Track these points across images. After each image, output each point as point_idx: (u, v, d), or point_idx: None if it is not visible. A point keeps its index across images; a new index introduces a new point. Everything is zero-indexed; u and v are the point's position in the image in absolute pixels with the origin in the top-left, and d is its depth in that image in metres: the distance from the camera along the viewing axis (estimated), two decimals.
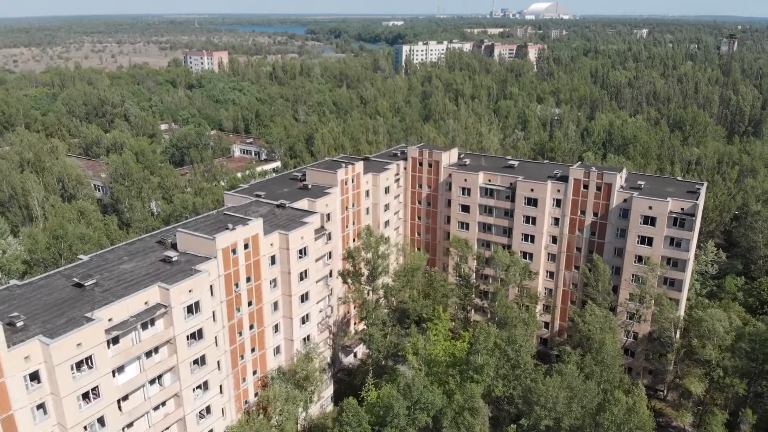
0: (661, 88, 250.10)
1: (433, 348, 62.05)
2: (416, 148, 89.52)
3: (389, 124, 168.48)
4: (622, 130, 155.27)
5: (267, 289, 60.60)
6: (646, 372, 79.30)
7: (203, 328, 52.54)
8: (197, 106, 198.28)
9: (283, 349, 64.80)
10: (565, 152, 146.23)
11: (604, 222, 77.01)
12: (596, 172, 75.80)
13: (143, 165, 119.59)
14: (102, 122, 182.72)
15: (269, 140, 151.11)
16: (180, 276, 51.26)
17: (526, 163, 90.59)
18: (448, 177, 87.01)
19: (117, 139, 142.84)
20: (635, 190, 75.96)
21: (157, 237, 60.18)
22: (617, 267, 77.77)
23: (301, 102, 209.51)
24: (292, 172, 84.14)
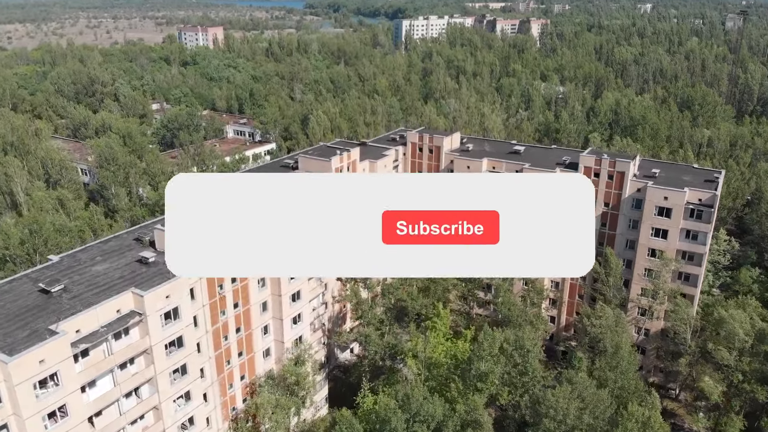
0: (668, 65, 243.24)
1: (433, 351, 57.90)
2: (416, 132, 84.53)
3: (388, 104, 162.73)
4: (629, 110, 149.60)
5: (255, 289, 56.28)
6: (657, 370, 75.48)
7: (183, 336, 48.30)
8: (190, 84, 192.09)
9: (274, 351, 60.71)
10: (570, 133, 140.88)
11: (616, 213, 72.40)
12: (608, 160, 70.95)
13: (131, 148, 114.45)
14: (92, 102, 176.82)
15: (263, 121, 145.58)
16: (157, 280, 46.86)
17: (532, 149, 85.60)
18: (449, 164, 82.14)
19: (105, 120, 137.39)
20: (649, 178, 71.18)
21: (136, 233, 55.60)
22: (629, 260, 73.39)
23: (298, 80, 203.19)
24: (283, 159, 79.30)
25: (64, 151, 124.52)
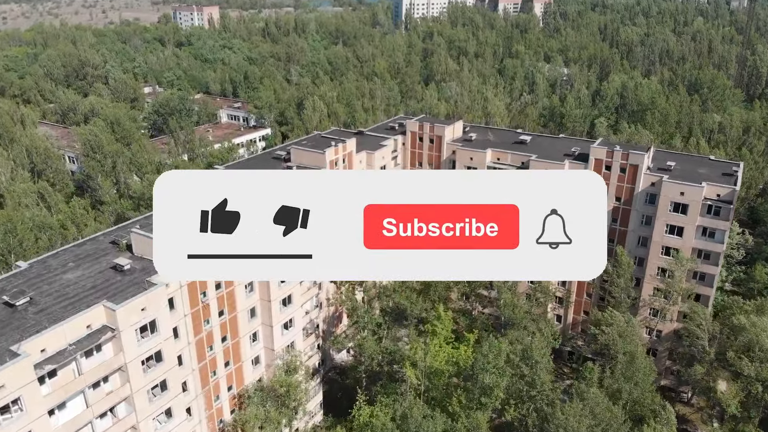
0: (675, 46, 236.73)
1: (433, 360, 54.10)
2: (416, 121, 79.95)
3: (387, 87, 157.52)
4: (636, 94, 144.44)
5: (242, 296, 52.31)
6: (668, 372, 71.87)
7: (162, 350, 44.42)
8: (184, 66, 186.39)
9: (264, 359, 56.93)
10: (576, 118, 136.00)
11: (628, 208, 68.20)
12: (620, 152, 66.56)
13: (119, 135, 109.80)
14: (83, 85, 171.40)
15: (258, 105, 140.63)
16: (131, 291, 42.88)
17: (539, 138, 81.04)
18: (451, 154, 77.74)
19: (94, 105, 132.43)
20: (664, 172, 66.86)
21: (113, 235, 51.46)
22: (641, 258, 69.38)
23: (294, 61, 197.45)
24: (274, 150, 74.84)
25: (52, 138, 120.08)
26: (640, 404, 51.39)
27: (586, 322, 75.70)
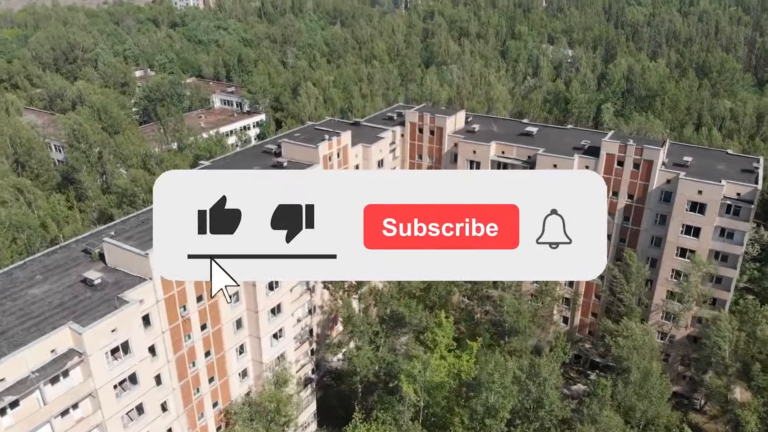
0: (681, 27, 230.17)
1: (433, 375, 50.36)
2: (416, 111, 75.42)
3: (386, 70, 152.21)
4: (644, 78, 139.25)
5: (226, 307, 48.46)
6: (680, 378, 68.37)
7: (137, 372, 40.68)
8: (176, 49, 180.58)
9: (252, 372, 53.28)
10: (582, 104, 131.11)
11: (641, 206, 64.09)
12: (634, 147, 62.21)
13: (106, 123, 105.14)
14: (72, 69, 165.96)
15: (252, 90, 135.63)
16: (101, 310, 38.99)
17: (546, 130, 76.44)
18: (453, 147, 73.40)
19: (82, 90, 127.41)
20: (680, 167, 62.59)
21: (86, 242, 47.36)
22: (653, 259, 65.46)
23: (291, 43, 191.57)
24: (265, 143, 70.42)
25: (38, 126, 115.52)
26: (656, 424, 47.84)
27: (594, 324, 72.17)
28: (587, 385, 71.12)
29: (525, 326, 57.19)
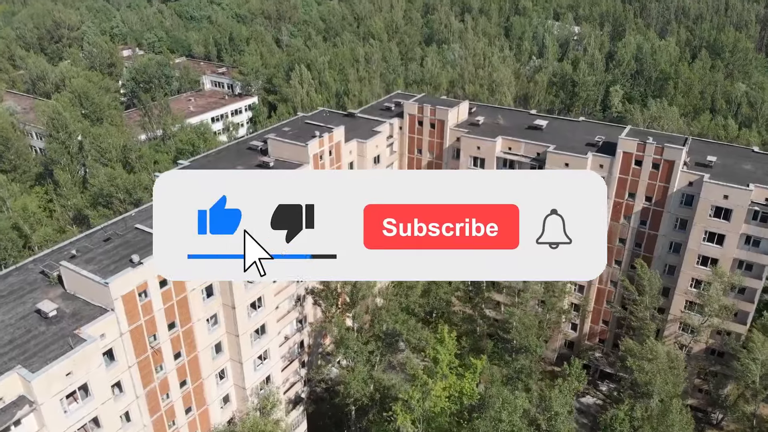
0: (691, 3, 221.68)
1: (434, 404, 45.79)
2: (415, 103, 69.72)
3: (385, 49, 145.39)
4: (654, 59, 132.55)
5: (203, 331, 43.66)
6: (695, 390, 64.01)
7: (99, 416, 36.03)
8: (166, 26, 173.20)
9: (234, 397, 48.71)
10: (590, 86, 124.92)
11: (660, 209, 58.94)
12: (654, 146, 56.80)
13: (89, 110, 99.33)
14: (58, 49, 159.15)
15: (244, 71, 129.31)
16: (55, 349, 34.16)
17: (556, 122, 70.71)
18: (455, 141, 67.95)
19: (65, 73, 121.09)
20: (703, 168, 57.29)
21: (45, 263, 42.32)
22: (671, 266, 60.57)
23: (285, 19, 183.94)
24: (251, 139, 64.78)
25: (17, 112, 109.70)
26: None
27: (605, 332, 67.69)
28: (597, 396, 67.08)
29: (535, 345, 52.65)
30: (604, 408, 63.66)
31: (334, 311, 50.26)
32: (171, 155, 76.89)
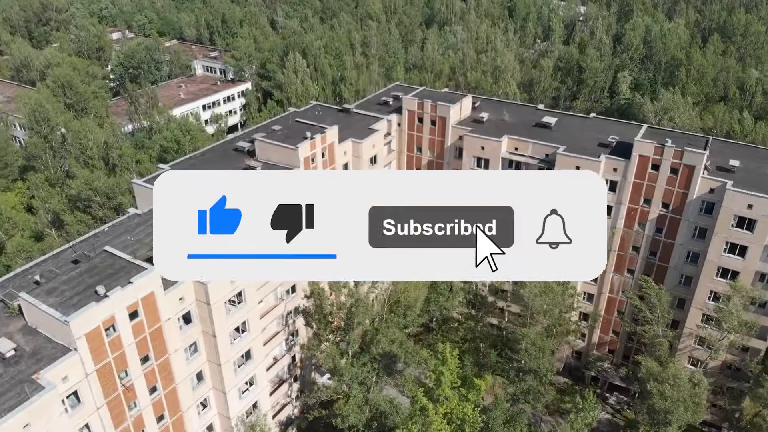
0: None
1: None
2: (414, 98, 65.18)
3: (384, 31, 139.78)
4: (664, 42, 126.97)
5: (181, 362, 39.91)
6: (709, 406, 60.47)
7: None
8: (157, 7, 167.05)
9: (219, 427, 45.15)
10: (597, 73, 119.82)
11: (677, 217, 54.82)
12: (673, 149, 52.48)
13: (72, 100, 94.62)
14: (45, 32, 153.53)
15: (237, 56, 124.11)
16: (11, 397, 30.43)
17: (566, 119, 65.97)
18: (457, 140, 63.61)
19: (50, 59, 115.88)
20: (725, 173, 53.04)
21: (8, 287, 38.44)
22: (688, 277, 56.70)
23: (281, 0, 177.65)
24: (237, 139, 60.36)
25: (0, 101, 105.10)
26: None
27: (615, 342, 64.10)
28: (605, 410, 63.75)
29: (547, 369, 49.07)
30: (614, 425, 60.52)
31: (326, 335, 46.37)
32: (155, 152, 72.47)
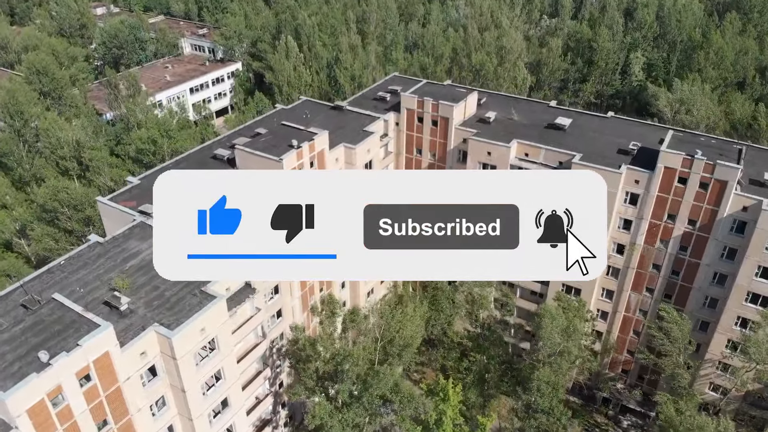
0: None
1: None
2: (414, 96, 59.11)
3: (383, 6, 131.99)
4: (679, 20, 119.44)
5: (147, 421, 35.03)
6: None
7: None
8: None
9: None
10: (609, 54, 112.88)
11: (705, 235, 49.47)
12: (703, 162, 46.83)
13: (48, 87, 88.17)
14: (27, 8, 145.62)
15: (226, 35, 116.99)
16: None
17: (581, 119, 59.57)
18: (461, 143, 57.90)
19: (29, 40, 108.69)
20: (760, 188, 47.48)
21: None
22: (714, 299, 51.67)
23: None
24: (216, 146, 54.39)
25: None
26: None
27: (630, 362, 59.47)
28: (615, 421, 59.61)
29: (561, 412, 44.41)
30: None
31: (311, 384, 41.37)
32: (132, 149, 66.37)
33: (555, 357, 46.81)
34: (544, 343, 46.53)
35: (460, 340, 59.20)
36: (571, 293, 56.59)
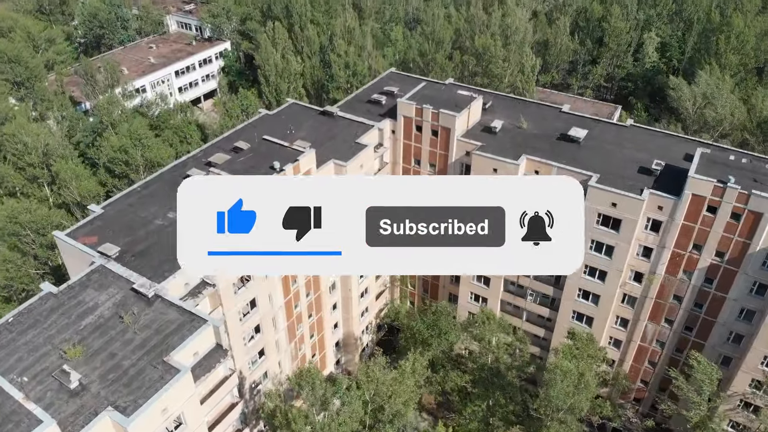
0: None
1: None
2: (412, 103, 53.30)
3: None
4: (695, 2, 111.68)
5: None
6: None
7: None
8: None
9: None
10: (621, 35, 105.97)
11: (734, 269, 44.58)
12: (737, 192, 41.57)
13: (22, 77, 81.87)
14: None
15: (214, 12, 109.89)
16: None
17: (598, 128, 53.72)
18: (464, 156, 52.49)
19: (2, 21, 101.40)
20: None
21: None
22: (739, 335, 47.15)
23: None
24: (190, 165, 48.78)
25: None
26: None
27: (643, 392, 55.36)
28: None
29: None
30: None
31: None
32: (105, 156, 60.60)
33: (565, 413, 42.49)
34: (553, 401, 42.08)
35: (463, 367, 55.02)
36: (583, 321, 52.27)
